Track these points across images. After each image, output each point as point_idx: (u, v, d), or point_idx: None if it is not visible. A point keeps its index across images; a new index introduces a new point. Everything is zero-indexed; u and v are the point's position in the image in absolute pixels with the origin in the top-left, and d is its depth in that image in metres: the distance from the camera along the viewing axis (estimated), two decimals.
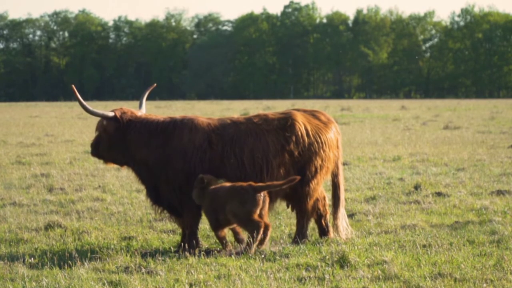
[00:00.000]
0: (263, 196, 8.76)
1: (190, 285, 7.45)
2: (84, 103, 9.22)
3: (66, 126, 34.22)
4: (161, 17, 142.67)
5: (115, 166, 9.70)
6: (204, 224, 10.36)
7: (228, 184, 8.87)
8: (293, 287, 7.40)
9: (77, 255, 8.55)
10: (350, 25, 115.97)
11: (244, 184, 8.80)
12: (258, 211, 8.73)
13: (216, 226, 8.92)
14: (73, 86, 9.45)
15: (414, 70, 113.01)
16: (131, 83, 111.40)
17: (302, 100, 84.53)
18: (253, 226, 8.69)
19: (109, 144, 9.33)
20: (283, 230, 10.21)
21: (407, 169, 16.76)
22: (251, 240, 8.65)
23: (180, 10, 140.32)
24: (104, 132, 9.34)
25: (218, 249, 9.07)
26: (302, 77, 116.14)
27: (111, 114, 9.29)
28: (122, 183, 14.60)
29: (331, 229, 9.68)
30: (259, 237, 8.66)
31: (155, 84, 10.56)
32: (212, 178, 8.87)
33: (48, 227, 10.26)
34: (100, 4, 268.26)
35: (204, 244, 9.41)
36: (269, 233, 8.77)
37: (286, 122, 9.30)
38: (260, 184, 8.83)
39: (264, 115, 9.45)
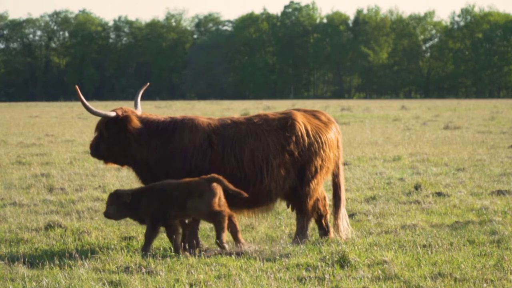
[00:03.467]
0: (218, 186, 8.81)
1: (190, 285, 7.44)
2: (87, 103, 9.22)
3: (66, 126, 34.22)
4: (161, 17, 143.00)
5: (115, 166, 9.70)
6: (204, 224, 10.37)
7: (171, 180, 8.96)
8: (293, 287, 7.39)
9: (77, 255, 8.55)
10: (350, 25, 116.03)
11: (196, 178, 8.87)
12: (217, 201, 8.77)
13: (155, 220, 8.88)
14: (76, 86, 9.45)
15: (414, 70, 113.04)
16: (131, 83, 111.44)
17: (302, 100, 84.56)
18: (216, 216, 8.73)
19: (110, 144, 9.31)
20: (283, 230, 10.21)
21: (407, 169, 16.76)
22: (219, 230, 8.72)
23: (180, 10, 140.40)
24: (107, 132, 9.32)
25: (218, 249, 9.07)
26: (302, 77, 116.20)
27: (113, 114, 9.29)
28: (122, 183, 14.60)
29: (331, 229, 9.68)
30: (225, 225, 8.75)
31: (148, 84, 10.55)
32: (127, 191, 9.00)
33: (48, 227, 10.25)
34: (100, 4, 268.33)
35: (204, 244, 9.41)
36: (235, 221, 8.89)
37: (286, 122, 9.31)
38: (213, 175, 8.88)
39: (264, 115, 9.45)
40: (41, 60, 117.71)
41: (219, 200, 8.83)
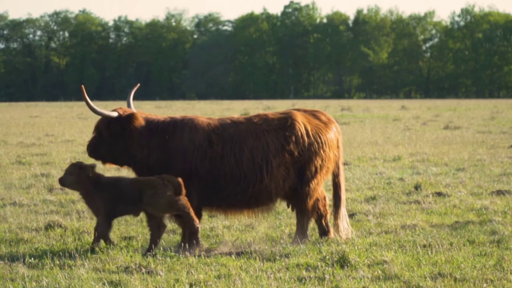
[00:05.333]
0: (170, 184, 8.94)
1: (190, 285, 7.45)
2: (91, 103, 9.20)
3: (66, 126, 34.22)
4: (161, 17, 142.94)
5: (114, 166, 9.68)
6: (204, 224, 10.37)
7: (128, 178, 9.15)
8: (293, 287, 7.40)
9: (77, 255, 8.55)
10: (350, 25, 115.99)
11: (151, 177, 9.00)
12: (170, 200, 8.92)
13: (109, 216, 8.99)
14: (82, 86, 9.43)
15: (414, 70, 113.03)
16: (131, 83, 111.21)
17: (302, 100, 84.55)
18: (178, 204, 8.87)
19: (111, 144, 9.30)
20: (283, 230, 10.21)
21: (407, 169, 16.76)
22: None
23: (180, 10, 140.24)
24: (108, 132, 9.30)
25: (219, 248, 9.07)
26: (302, 77, 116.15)
27: (115, 114, 9.28)
28: None
29: (331, 229, 9.69)
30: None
31: (138, 84, 10.53)
32: (90, 166, 9.06)
33: (48, 227, 10.25)
34: (100, 4, 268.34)
35: (204, 244, 9.41)
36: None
37: (286, 122, 9.31)
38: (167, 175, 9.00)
39: (264, 115, 9.46)
40: (41, 60, 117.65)
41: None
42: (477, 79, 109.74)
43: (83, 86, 9.47)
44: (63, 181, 9.15)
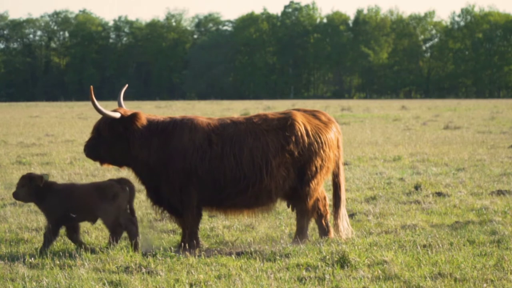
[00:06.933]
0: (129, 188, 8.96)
1: (191, 285, 7.45)
2: (98, 104, 9.19)
3: (66, 126, 34.21)
4: (161, 17, 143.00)
5: (113, 166, 9.66)
6: (204, 224, 10.38)
7: (85, 184, 9.23)
8: (293, 287, 7.40)
9: (77, 255, 8.55)
10: (351, 25, 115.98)
11: (110, 182, 9.02)
12: (126, 206, 8.91)
13: (58, 224, 8.98)
14: (91, 87, 9.41)
15: (414, 70, 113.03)
16: (131, 83, 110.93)
17: (303, 100, 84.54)
18: (121, 225, 8.89)
19: (112, 144, 9.28)
20: (283, 230, 10.21)
21: (407, 169, 16.76)
22: (114, 238, 8.87)
23: (180, 10, 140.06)
24: (110, 132, 9.28)
25: (219, 248, 9.08)
26: (303, 77, 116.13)
27: (118, 114, 9.27)
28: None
29: (331, 229, 9.69)
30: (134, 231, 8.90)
31: (127, 85, 10.51)
32: (39, 176, 9.02)
33: None
34: (100, 4, 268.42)
35: (204, 244, 9.41)
36: (137, 225, 8.98)
37: (286, 122, 9.32)
38: (123, 178, 9.08)
39: (264, 115, 9.46)
40: (41, 60, 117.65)
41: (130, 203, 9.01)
42: (477, 79, 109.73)
43: (92, 86, 9.45)
44: (16, 195, 9.06)
